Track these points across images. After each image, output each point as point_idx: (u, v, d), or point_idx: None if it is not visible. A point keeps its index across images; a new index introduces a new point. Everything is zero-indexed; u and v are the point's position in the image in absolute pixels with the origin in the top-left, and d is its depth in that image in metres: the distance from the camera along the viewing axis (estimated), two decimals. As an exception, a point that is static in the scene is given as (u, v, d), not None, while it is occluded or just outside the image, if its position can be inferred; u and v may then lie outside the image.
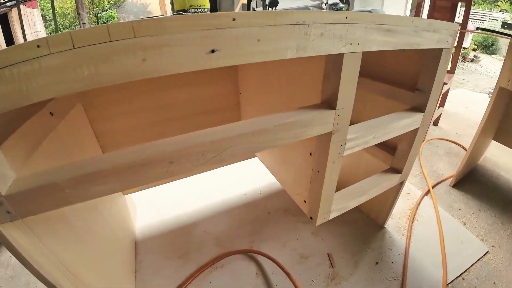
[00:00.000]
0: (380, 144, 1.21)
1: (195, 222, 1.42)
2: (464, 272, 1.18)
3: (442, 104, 2.36)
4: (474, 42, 6.51)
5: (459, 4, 2.15)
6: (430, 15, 2.29)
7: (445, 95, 2.32)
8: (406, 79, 1.05)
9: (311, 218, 0.98)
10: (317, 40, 0.57)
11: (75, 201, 0.54)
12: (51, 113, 0.81)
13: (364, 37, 0.63)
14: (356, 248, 1.27)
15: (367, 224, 1.39)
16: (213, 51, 0.48)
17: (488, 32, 1.62)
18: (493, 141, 1.81)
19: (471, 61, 5.46)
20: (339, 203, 0.97)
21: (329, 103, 0.72)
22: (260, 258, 1.22)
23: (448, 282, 1.14)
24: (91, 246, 0.89)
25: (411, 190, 1.63)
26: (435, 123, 2.42)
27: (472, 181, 1.72)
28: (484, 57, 5.84)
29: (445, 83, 1.95)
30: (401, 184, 1.19)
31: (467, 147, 2.05)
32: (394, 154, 1.14)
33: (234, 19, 0.47)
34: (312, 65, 0.79)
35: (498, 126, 1.75)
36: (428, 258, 1.23)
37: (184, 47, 0.46)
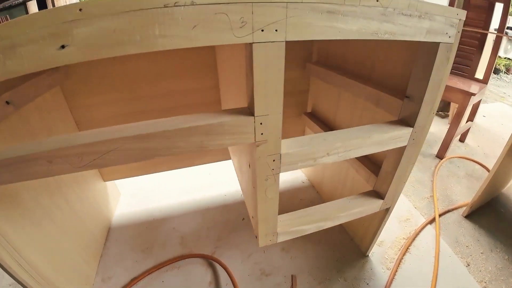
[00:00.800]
0: (364, 159, 0.96)
1: (167, 218, 1.31)
2: None
3: (471, 118, 1.90)
4: None
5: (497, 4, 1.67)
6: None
7: (475, 108, 1.86)
8: (396, 81, 0.78)
9: (256, 236, 0.79)
10: (201, 26, 0.38)
11: None
12: (7, 102, 0.73)
13: (286, 21, 0.42)
14: (326, 275, 1.03)
15: (348, 249, 1.13)
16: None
17: None
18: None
19: None
20: (289, 226, 0.76)
21: (250, 108, 0.52)
22: (218, 267, 1.06)
23: (432, 337, 0.85)
24: (48, 230, 0.83)
25: (413, 215, 1.30)
26: (462, 139, 1.97)
27: (490, 213, 1.32)
28: None
29: (473, 94, 1.54)
30: (386, 211, 0.92)
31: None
32: (378, 175, 0.88)
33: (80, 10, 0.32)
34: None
35: None
36: (412, 302, 0.95)
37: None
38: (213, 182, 1.55)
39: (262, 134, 0.53)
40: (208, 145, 0.51)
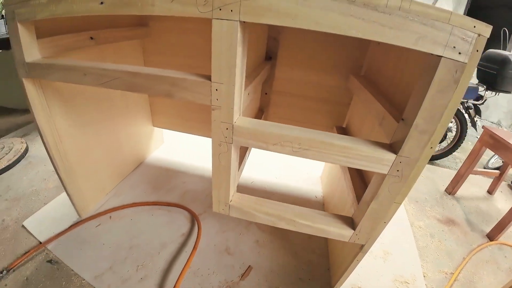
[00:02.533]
0: (358, 183, 0.90)
1: (184, 173, 1.53)
2: None
3: None
4: None
5: None
6: None
7: None
8: (404, 100, 0.71)
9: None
10: (176, 1, 0.52)
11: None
12: (91, 38, 1.06)
13: (240, 2, 0.50)
14: (280, 285, 1.01)
15: (318, 275, 1.05)
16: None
17: None
18: None
19: None
20: (243, 204, 0.82)
21: (210, 78, 0.62)
22: (196, 227, 1.19)
23: None
24: (91, 137, 1.16)
25: (415, 282, 1.08)
26: None
27: None
28: None
29: None
30: (360, 248, 0.84)
31: None
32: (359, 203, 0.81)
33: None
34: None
35: None
36: None
37: None
38: (249, 164, 1.68)
39: (217, 99, 0.62)
40: (173, 95, 0.65)
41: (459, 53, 0.50)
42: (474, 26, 0.48)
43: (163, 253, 1.06)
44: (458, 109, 2.08)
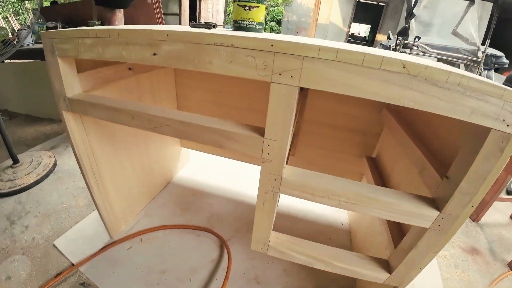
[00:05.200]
0: (393, 224, 0.91)
1: (210, 194, 1.57)
2: None
3: None
4: None
5: None
6: None
7: None
8: (444, 151, 0.73)
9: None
10: (236, 62, 0.54)
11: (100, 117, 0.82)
12: (129, 68, 1.10)
13: (301, 70, 0.53)
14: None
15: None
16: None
17: None
18: None
19: None
20: (280, 245, 0.84)
21: (263, 133, 0.64)
22: (225, 253, 1.22)
23: None
24: (124, 162, 1.20)
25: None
26: None
27: None
28: None
29: None
30: (394, 288, 0.86)
31: None
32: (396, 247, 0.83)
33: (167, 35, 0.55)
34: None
35: None
36: None
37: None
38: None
39: (268, 154, 0.65)
40: (224, 145, 0.67)
41: (507, 125, 0.52)
42: None
43: (194, 280, 1.09)
44: None
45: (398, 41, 1.95)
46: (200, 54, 0.56)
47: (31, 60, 2.06)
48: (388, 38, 2.14)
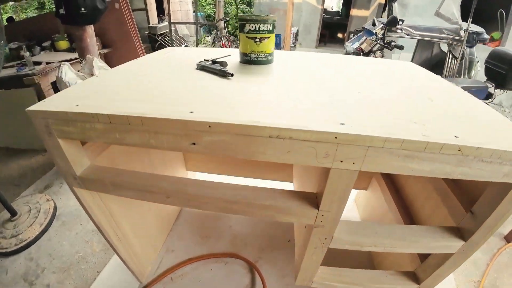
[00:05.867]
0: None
1: (228, 215, 1.59)
2: None
3: None
4: None
5: None
6: None
7: None
8: (469, 187, 0.81)
9: (295, 274, 0.97)
10: (293, 152, 0.55)
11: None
12: None
13: (364, 158, 0.55)
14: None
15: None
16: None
17: None
18: None
19: None
20: (324, 279, 0.92)
21: (317, 202, 0.67)
22: (257, 276, 1.28)
23: None
24: (138, 207, 1.17)
25: (455, 300, 1.29)
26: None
27: None
28: None
29: None
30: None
31: None
32: (423, 261, 0.94)
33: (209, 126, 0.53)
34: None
35: None
36: None
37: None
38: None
39: (321, 221, 0.69)
40: (276, 217, 0.70)
41: None
42: None
43: (235, 310, 1.16)
44: None
45: (386, 30, 1.99)
46: (251, 145, 0.55)
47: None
48: (373, 24, 2.16)
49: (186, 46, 5.42)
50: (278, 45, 6.40)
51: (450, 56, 2.35)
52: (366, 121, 0.57)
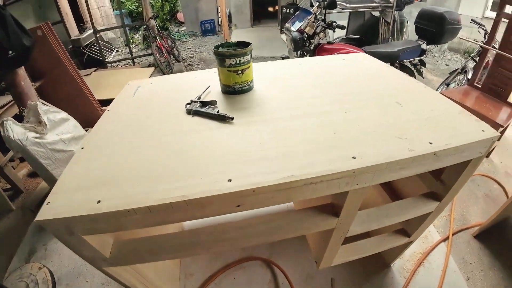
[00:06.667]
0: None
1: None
2: None
3: (498, 138, 2.10)
4: None
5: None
6: (506, 38, 1.93)
7: (501, 133, 2.05)
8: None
9: (315, 261, 1.14)
10: (323, 188, 0.67)
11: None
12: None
13: (373, 179, 0.70)
14: (357, 279, 1.42)
15: (375, 259, 1.48)
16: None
17: None
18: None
19: None
20: (340, 257, 1.12)
21: (337, 214, 0.83)
22: (275, 269, 1.45)
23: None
24: None
25: (430, 233, 1.64)
26: (487, 155, 2.19)
27: (498, 234, 1.63)
28: None
29: (501, 126, 1.74)
30: (411, 242, 1.25)
31: (510, 191, 1.89)
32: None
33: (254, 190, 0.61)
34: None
35: None
36: (420, 305, 1.33)
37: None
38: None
39: (340, 223, 0.84)
40: (305, 232, 0.84)
41: (480, 152, 0.82)
42: (493, 140, 0.80)
43: (268, 304, 1.32)
44: (408, 67, 2.55)
45: (325, 11, 2.12)
46: (290, 195, 0.66)
47: None
48: (311, 5, 2.28)
49: (117, 51, 4.94)
50: (213, 30, 6.21)
51: (383, 22, 2.63)
52: (368, 147, 0.71)
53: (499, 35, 2.07)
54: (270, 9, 7.24)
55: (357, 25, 2.89)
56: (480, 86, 2.13)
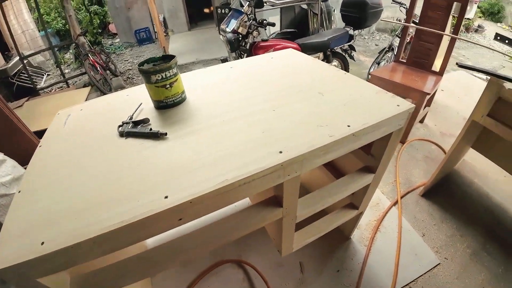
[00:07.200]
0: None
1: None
2: (411, 281, 1.41)
3: (428, 104, 2.37)
4: (479, 10, 5.89)
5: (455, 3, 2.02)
6: (424, 13, 2.18)
7: (431, 98, 2.32)
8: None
9: (278, 251, 1.21)
10: (258, 185, 0.73)
11: None
12: None
13: (301, 168, 0.77)
14: (323, 257, 1.53)
15: (336, 234, 1.61)
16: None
17: (468, 69, 1.56)
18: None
19: (475, 31, 5.04)
20: (300, 241, 1.20)
21: (280, 203, 0.90)
22: (246, 267, 1.51)
23: (396, 290, 1.37)
24: None
25: (381, 200, 1.81)
26: (421, 120, 2.46)
27: (442, 189, 1.85)
28: (489, 26, 5.34)
29: (428, 94, 1.96)
30: (361, 214, 1.38)
31: (447, 149, 2.14)
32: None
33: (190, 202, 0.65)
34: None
35: (477, 137, 1.80)
36: (383, 268, 1.47)
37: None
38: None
39: (286, 212, 0.91)
40: (259, 226, 0.89)
41: (399, 125, 0.94)
42: (409, 112, 0.91)
43: (245, 302, 1.37)
44: (339, 53, 2.73)
45: (254, 10, 2.19)
46: (228, 197, 0.71)
47: None
48: (241, 5, 2.33)
49: (48, 75, 4.54)
50: (149, 39, 5.99)
51: (311, 13, 2.79)
52: (293, 140, 0.78)
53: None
54: (206, 10, 7.19)
55: (289, 19, 3.03)
56: (405, 61, 2.37)
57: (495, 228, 1.63)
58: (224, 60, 2.76)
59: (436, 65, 2.21)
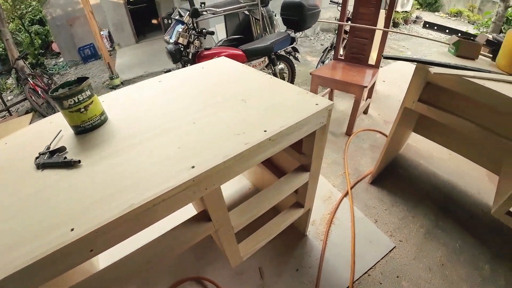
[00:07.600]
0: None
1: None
2: (370, 269, 1.45)
3: (369, 96, 2.51)
4: (417, 2, 6.42)
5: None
6: (356, 10, 2.31)
7: (371, 90, 2.46)
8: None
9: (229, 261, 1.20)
10: (174, 203, 0.72)
11: None
12: None
13: (220, 179, 0.78)
14: (281, 258, 1.55)
15: (292, 233, 1.64)
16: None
17: (392, 59, 1.70)
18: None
19: (413, 22, 5.47)
20: (248, 249, 1.20)
21: (209, 217, 0.89)
22: (206, 282, 1.48)
23: (355, 279, 1.41)
24: None
25: (332, 193, 1.88)
26: (365, 111, 2.60)
27: (390, 174, 1.96)
28: (427, 16, 5.82)
29: (365, 87, 2.08)
30: (309, 211, 1.42)
31: (391, 136, 2.27)
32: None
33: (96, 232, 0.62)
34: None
35: (417, 121, 1.92)
36: (340, 260, 1.51)
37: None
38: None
39: (218, 224, 0.91)
40: (191, 243, 0.88)
41: (322, 122, 0.98)
42: (328, 110, 0.96)
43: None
44: (284, 55, 2.80)
45: (193, 20, 2.18)
46: (146, 217, 0.69)
47: None
48: (180, 15, 2.31)
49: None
50: (95, 55, 5.73)
51: (253, 19, 2.84)
52: (208, 153, 0.78)
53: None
54: (154, 21, 7.06)
55: (234, 26, 3.07)
56: (343, 58, 2.50)
57: (445, 204, 1.74)
58: (168, 72, 2.72)
59: (373, 59, 2.35)
